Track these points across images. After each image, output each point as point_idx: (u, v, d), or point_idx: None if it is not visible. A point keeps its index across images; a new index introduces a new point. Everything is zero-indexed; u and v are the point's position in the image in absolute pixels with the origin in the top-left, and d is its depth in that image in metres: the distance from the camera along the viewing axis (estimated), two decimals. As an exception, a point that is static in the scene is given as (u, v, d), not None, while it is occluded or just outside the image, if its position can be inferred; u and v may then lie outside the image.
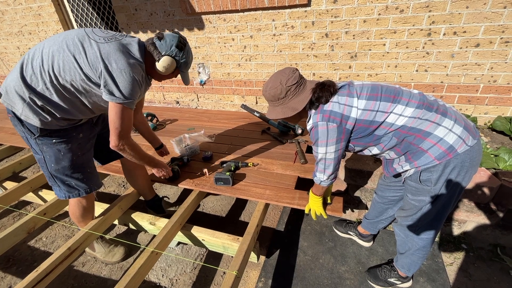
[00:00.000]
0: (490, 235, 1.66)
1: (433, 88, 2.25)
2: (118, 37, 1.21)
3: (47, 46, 1.16)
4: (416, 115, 1.00)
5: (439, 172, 1.02)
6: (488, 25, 1.91)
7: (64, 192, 1.42)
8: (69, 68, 1.14)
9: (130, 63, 1.15)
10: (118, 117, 1.21)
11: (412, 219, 1.23)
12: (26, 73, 1.15)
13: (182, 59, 1.30)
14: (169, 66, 1.27)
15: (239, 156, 2.13)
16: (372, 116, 1.05)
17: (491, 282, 1.50)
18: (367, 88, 1.08)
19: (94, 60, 1.13)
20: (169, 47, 1.25)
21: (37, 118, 1.18)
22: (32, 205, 2.40)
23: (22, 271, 1.77)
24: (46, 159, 1.32)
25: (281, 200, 1.62)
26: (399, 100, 1.03)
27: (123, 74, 1.14)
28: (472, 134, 0.99)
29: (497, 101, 2.15)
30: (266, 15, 2.41)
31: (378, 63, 2.30)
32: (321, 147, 1.13)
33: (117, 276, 1.70)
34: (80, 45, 1.14)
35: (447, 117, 0.99)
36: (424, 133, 1.00)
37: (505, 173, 1.60)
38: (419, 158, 1.04)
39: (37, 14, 3.38)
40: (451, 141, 0.97)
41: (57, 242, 1.99)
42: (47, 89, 1.15)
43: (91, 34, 1.18)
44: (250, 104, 2.99)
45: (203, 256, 1.80)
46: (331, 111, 1.07)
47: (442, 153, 0.98)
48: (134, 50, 1.21)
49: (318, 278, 1.57)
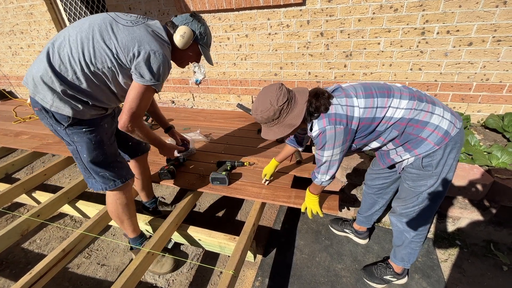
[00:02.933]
0: (483, 231, 1.68)
1: (427, 86, 2.27)
2: (142, 20, 1.20)
3: (74, 34, 1.12)
4: (411, 106, 1.05)
5: (439, 156, 1.08)
6: (481, 24, 1.94)
7: (100, 184, 1.35)
8: (100, 54, 1.11)
9: (162, 45, 1.16)
10: (138, 97, 1.17)
11: (411, 206, 1.24)
12: (55, 62, 1.11)
13: (199, 29, 1.26)
14: (186, 36, 1.22)
15: (235, 156, 2.12)
16: (373, 113, 1.07)
17: (485, 277, 1.52)
18: (360, 88, 1.11)
19: (127, 44, 1.11)
20: (184, 18, 1.24)
21: (69, 108, 1.16)
22: (26, 207, 2.37)
23: (16, 274, 1.75)
24: (78, 150, 1.28)
25: (277, 199, 1.62)
26: (393, 94, 1.07)
27: (157, 56, 1.13)
28: (458, 118, 1.09)
29: (490, 99, 2.18)
30: (261, 14, 2.40)
31: (373, 62, 2.32)
32: (328, 150, 1.12)
33: (113, 277, 1.69)
34: (110, 30, 1.12)
35: (437, 106, 1.06)
36: (422, 123, 1.05)
37: (498, 170, 1.63)
38: (419, 146, 1.08)
39: (29, 13, 3.33)
40: (445, 127, 1.04)
41: (51, 244, 1.96)
42: (77, 79, 1.13)
43: (117, 18, 1.16)
44: (246, 103, 2.99)
45: (200, 256, 1.79)
46: (336, 113, 1.06)
47: (440, 138, 1.05)
48: (161, 32, 1.20)
49: (315, 276, 1.58)
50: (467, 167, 1.65)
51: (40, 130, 2.92)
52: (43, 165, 3.01)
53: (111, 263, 1.79)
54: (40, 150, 2.50)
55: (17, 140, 2.74)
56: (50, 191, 2.30)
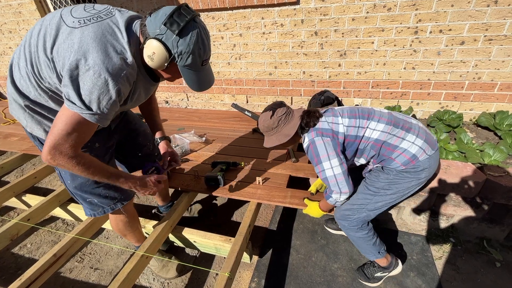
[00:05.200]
0: (476, 228, 1.70)
1: (421, 85, 2.29)
2: (103, 15, 0.87)
3: (27, 41, 0.91)
4: (386, 130, 1.19)
5: (403, 176, 1.22)
6: (473, 23, 1.96)
7: (89, 211, 1.25)
8: (45, 66, 0.87)
9: (109, 59, 0.81)
10: (65, 127, 0.84)
11: (354, 204, 1.34)
12: (15, 77, 0.93)
13: (178, 47, 0.83)
14: (156, 58, 0.85)
15: (230, 156, 2.11)
16: (355, 131, 1.22)
17: (478, 274, 1.53)
18: (346, 110, 1.28)
19: (63, 53, 0.82)
20: (157, 25, 0.82)
21: (41, 129, 1.00)
22: (16, 210, 2.32)
23: (6, 279, 1.70)
24: (62, 175, 1.16)
25: (273, 199, 1.61)
26: (372, 117, 1.23)
27: (91, 75, 0.80)
28: (431, 146, 1.19)
29: (482, 98, 2.20)
30: (255, 13, 2.39)
31: (367, 61, 2.32)
32: (325, 162, 1.20)
33: (107, 281, 1.66)
34: (55, 34, 0.85)
35: (410, 133, 1.19)
36: (392, 146, 1.20)
37: (490, 168, 1.65)
38: (389, 164, 1.23)
39: (17, 12, 3.25)
40: (413, 151, 1.17)
41: (42, 249, 1.92)
42: (40, 95, 0.93)
43: (66, 16, 0.87)
44: (240, 103, 2.97)
45: (195, 257, 1.78)
46: (322, 128, 1.23)
47: (406, 160, 1.18)
48: (121, 37, 0.85)
49: (311, 276, 1.57)
50: (460, 165, 1.67)
51: (30, 131, 2.85)
52: (33, 167, 2.95)
53: (104, 266, 1.76)
54: (30, 152, 2.45)
55: (6, 142, 2.68)
56: (41, 194, 2.26)
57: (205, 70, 0.95)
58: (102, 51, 0.81)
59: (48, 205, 1.87)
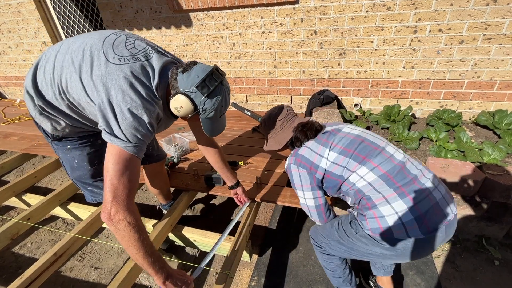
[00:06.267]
0: (475, 227, 1.71)
1: (420, 84, 2.29)
2: (142, 56, 0.93)
3: (62, 52, 0.96)
4: (374, 184, 0.95)
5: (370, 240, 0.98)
6: (472, 22, 1.96)
7: (90, 197, 1.30)
8: (76, 87, 0.93)
9: (140, 99, 0.88)
10: (116, 165, 0.87)
11: (325, 234, 1.19)
12: (38, 76, 0.99)
13: (203, 105, 0.92)
14: (182, 111, 0.93)
15: (230, 155, 2.11)
16: (340, 171, 1.03)
17: (477, 272, 1.54)
18: (344, 141, 1.06)
19: (98, 85, 0.89)
20: (188, 85, 0.90)
21: (48, 123, 1.06)
22: (16, 210, 2.32)
23: (6, 278, 1.70)
24: (63, 164, 1.21)
25: (272, 198, 1.62)
26: (366, 162, 0.99)
27: (126, 111, 0.87)
28: (422, 229, 0.88)
29: (481, 97, 2.21)
30: (255, 13, 2.39)
31: (367, 60, 2.32)
32: (299, 190, 1.14)
33: (107, 280, 1.66)
34: (89, 62, 0.90)
35: (403, 200, 0.90)
36: (372, 204, 0.95)
37: (489, 166, 1.65)
38: (362, 220, 1.01)
39: (16, 11, 3.25)
40: (390, 223, 0.90)
41: (42, 248, 1.92)
42: (56, 100, 0.99)
43: (107, 48, 0.92)
44: (240, 102, 2.97)
45: (195, 256, 1.78)
46: (303, 156, 1.10)
47: (377, 228, 0.93)
48: (152, 79, 0.93)
49: (311, 274, 1.58)
50: (459, 163, 1.67)
51: (29, 131, 2.85)
52: (33, 167, 2.95)
53: (104, 265, 1.76)
54: (30, 152, 2.45)
55: (6, 141, 2.68)
56: (41, 193, 2.25)
57: (220, 120, 1.05)
58: (136, 90, 0.88)
59: (48, 204, 1.87)
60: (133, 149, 0.90)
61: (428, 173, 0.99)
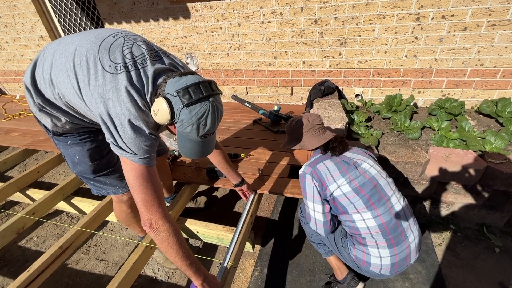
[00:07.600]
0: (476, 215, 1.72)
1: (422, 73, 2.26)
2: (139, 63, 0.89)
3: (59, 53, 0.93)
4: (372, 230, 1.08)
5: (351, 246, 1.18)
6: (476, 8, 1.92)
7: (94, 190, 1.31)
8: (73, 94, 0.92)
9: (137, 109, 0.87)
10: (136, 179, 0.91)
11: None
12: (37, 75, 0.98)
13: (181, 115, 0.83)
14: (160, 115, 0.85)
15: (230, 147, 2.11)
16: (346, 204, 1.10)
17: (478, 260, 1.56)
18: (360, 180, 1.11)
19: (94, 93, 0.87)
20: (173, 89, 0.84)
21: (48, 119, 1.06)
22: (21, 205, 2.35)
23: (14, 271, 1.74)
24: (65, 158, 1.22)
25: (274, 189, 1.63)
26: (373, 209, 1.08)
27: (126, 123, 0.86)
28: (391, 272, 1.12)
29: (484, 85, 2.18)
30: (254, 2, 2.34)
31: (368, 49, 2.29)
32: (309, 201, 1.17)
33: (113, 272, 1.69)
34: (86, 70, 0.87)
35: (389, 250, 1.08)
36: (364, 243, 1.12)
37: (491, 155, 1.65)
38: (350, 245, 1.18)
39: (12, 5, 3.20)
40: (372, 261, 1.11)
41: (48, 241, 1.95)
42: (55, 99, 0.98)
43: (103, 54, 0.88)
44: (240, 94, 2.95)
45: (199, 248, 1.81)
46: (319, 171, 1.13)
47: (360, 259, 1.14)
48: (145, 88, 0.89)
49: (313, 264, 1.60)
50: (461, 152, 1.67)
51: (31, 127, 2.86)
52: (36, 162, 2.97)
53: (110, 258, 1.79)
54: (32, 147, 2.46)
55: (7, 137, 2.69)
56: (44, 188, 2.28)
57: (201, 143, 0.94)
58: (133, 101, 0.86)
59: (52, 198, 1.89)
60: (144, 160, 0.91)
61: (413, 226, 1.14)
